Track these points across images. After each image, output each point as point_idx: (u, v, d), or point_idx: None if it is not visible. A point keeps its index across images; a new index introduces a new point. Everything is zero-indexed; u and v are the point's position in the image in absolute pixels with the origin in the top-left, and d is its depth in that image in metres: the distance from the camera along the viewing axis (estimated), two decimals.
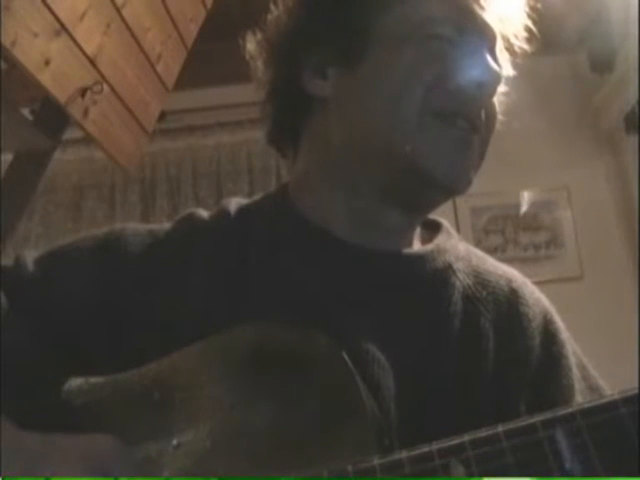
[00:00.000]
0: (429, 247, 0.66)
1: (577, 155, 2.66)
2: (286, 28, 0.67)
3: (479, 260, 0.69)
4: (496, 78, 0.62)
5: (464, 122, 0.61)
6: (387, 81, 0.61)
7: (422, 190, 0.62)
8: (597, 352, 0.69)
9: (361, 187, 0.64)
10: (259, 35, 0.69)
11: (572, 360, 0.65)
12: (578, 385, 0.63)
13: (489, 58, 0.62)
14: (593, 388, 0.64)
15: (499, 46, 0.66)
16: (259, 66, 0.69)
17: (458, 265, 0.66)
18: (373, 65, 0.62)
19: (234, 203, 0.70)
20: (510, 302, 0.65)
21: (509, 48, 0.67)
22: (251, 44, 0.70)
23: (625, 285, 2.53)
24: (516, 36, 0.67)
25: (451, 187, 0.62)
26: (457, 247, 0.68)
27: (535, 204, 2.65)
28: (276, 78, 0.68)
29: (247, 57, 0.70)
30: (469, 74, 0.61)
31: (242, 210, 0.68)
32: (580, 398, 0.62)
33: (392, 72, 0.61)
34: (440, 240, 0.67)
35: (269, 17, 0.69)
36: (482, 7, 0.63)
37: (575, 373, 0.64)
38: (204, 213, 0.69)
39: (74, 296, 0.61)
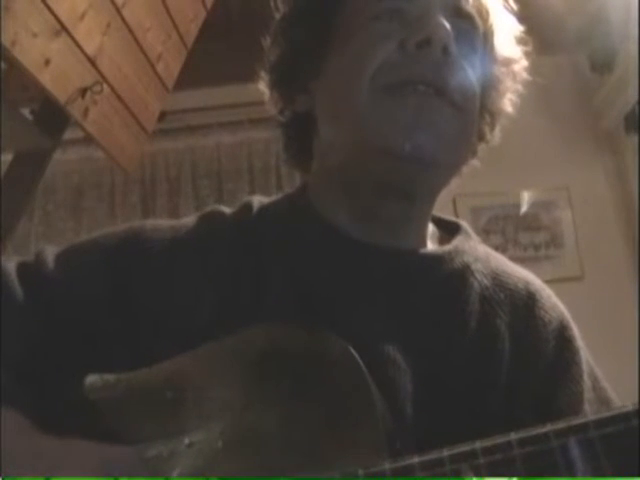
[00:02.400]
0: (447, 248, 0.66)
1: (577, 155, 2.66)
2: (273, 59, 0.69)
3: (498, 262, 0.69)
4: (444, 34, 0.59)
5: (424, 87, 0.58)
6: (341, 75, 0.62)
7: (397, 168, 0.59)
8: (597, 352, 0.69)
9: (356, 183, 0.64)
10: (263, 74, 0.72)
11: (584, 368, 0.64)
12: (588, 394, 0.63)
13: (435, 15, 0.60)
14: (603, 400, 0.64)
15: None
16: (269, 103, 0.72)
17: (476, 266, 0.66)
18: (334, 64, 0.64)
19: (256, 201, 0.70)
20: (527, 305, 0.65)
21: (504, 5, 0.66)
22: (262, 84, 0.72)
23: (625, 285, 2.53)
24: None
25: (419, 156, 0.58)
26: (476, 248, 0.68)
27: (535, 204, 2.65)
28: (280, 109, 0.71)
29: (265, 98, 0.72)
30: (417, 38, 0.59)
31: (262, 209, 0.69)
32: (588, 407, 0.62)
33: (344, 66, 0.62)
34: (458, 241, 0.67)
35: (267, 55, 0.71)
36: None
37: (586, 382, 0.63)
38: (226, 210, 0.69)
39: (93, 292, 0.61)
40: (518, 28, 0.69)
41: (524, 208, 2.64)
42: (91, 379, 0.55)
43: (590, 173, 2.66)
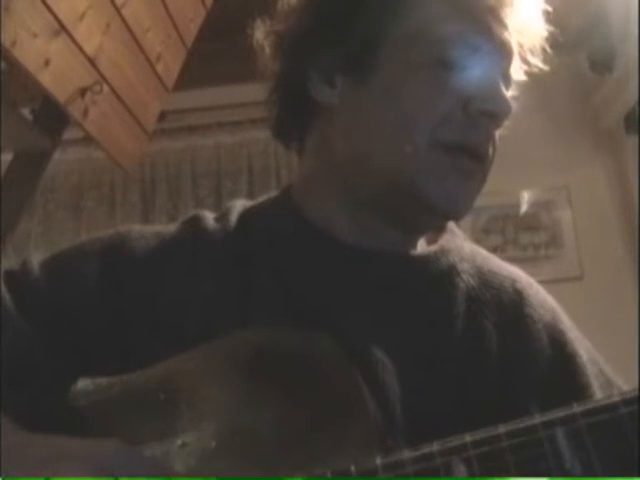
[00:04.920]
0: (433, 248, 0.66)
1: (577, 155, 2.66)
2: (296, 24, 0.66)
3: (484, 260, 0.69)
4: (508, 110, 0.61)
5: (472, 154, 0.61)
6: (396, 108, 0.60)
7: (421, 214, 0.63)
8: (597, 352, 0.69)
9: (361, 201, 0.64)
10: (268, 24, 0.68)
11: (585, 357, 0.65)
12: (596, 381, 0.63)
13: (502, 88, 0.61)
14: (609, 382, 0.64)
15: (515, 59, 0.64)
16: (266, 56, 0.68)
17: (462, 266, 0.66)
18: (382, 85, 0.61)
19: (239, 205, 0.70)
20: (514, 303, 0.65)
21: (523, 58, 0.66)
22: (259, 32, 0.69)
23: (625, 285, 2.53)
24: (532, 51, 0.66)
25: (450, 215, 0.63)
26: (462, 247, 0.68)
27: (535, 204, 2.65)
28: (282, 73, 0.68)
29: (254, 44, 0.69)
30: (482, 107, 0.60)
31: (247, 212, 0.69)
32: (600, 394, 0.62)
33: (402, 100, 0.60)
34: (445, 240, 0.67)
35: (280, 5, 0.68)
36: (501, 22, 0.61)
37: (591, 370, 0.64)
38: (209, 215, 0.69)
39: (80, 299, 0.61)
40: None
41: (524, 208, 2.64)
42: (83, 383, 0.55)
43: (590, 173, 2.66)
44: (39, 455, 0.47)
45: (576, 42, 2.57)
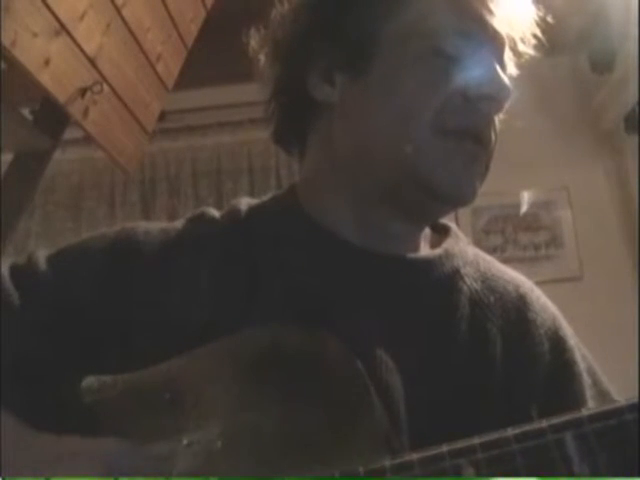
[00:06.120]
0: (437, 252, 0.66)
1: (577, 155, 2.67)
2: (292, 29, 0.67)
3: (487, 265, 0.69)
4: (507, 93, 0.62)
5: (475, 138, 0.61)
6: (397, 98, 0.61)
7: (428, 203, 0.63)
8: (597, 352, 0.69)
9: (366, 195, 0.64)
10: (263, 32, 0.69)
11: (582, 366, 0.65)
12: (589, 392, 0.63)
13: (499, 71, 0.62)
14: (603, 393, 0.65)
15: (506, 49, 0.65)
16: (263, 63, 0.69)
17: (466, 270, 0.66)
18: (381, 78, 0.62)
19: (244, 203, 0.70)
20: (518, 308, 0.65)
21: (514, 49, 0.67)
22: (255, 40, 0.70)
23: (625, 285, 2.53)
24: (523, 40, 0.67)
25: (458, 201, 0.63)
26: (465, 251, 0.68)
27: (535, 204, 2.65)
28: (281, 78, 0.68)
29: (250, 53, 0.69)
30: (481, 91, 0.60)
31: (252, 211, 0.69)
32: (592, 404, 0.62)
33: (401, 90, 0.61)
34: (449, 244, 0.67)
35: (273, 14, 0.68)
36: (491, 12, 0.62)
37: (586, 379, 0.64)
38: (215, 213, 0.69)
39: (86, 294, 0.61)
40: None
41: (524, 208, 2.64)
42: (88, 381, 0.55)
43: (590, 173, 2.67)
44: (44, 454, 0.47)
45: (576, 42, 2.58)
